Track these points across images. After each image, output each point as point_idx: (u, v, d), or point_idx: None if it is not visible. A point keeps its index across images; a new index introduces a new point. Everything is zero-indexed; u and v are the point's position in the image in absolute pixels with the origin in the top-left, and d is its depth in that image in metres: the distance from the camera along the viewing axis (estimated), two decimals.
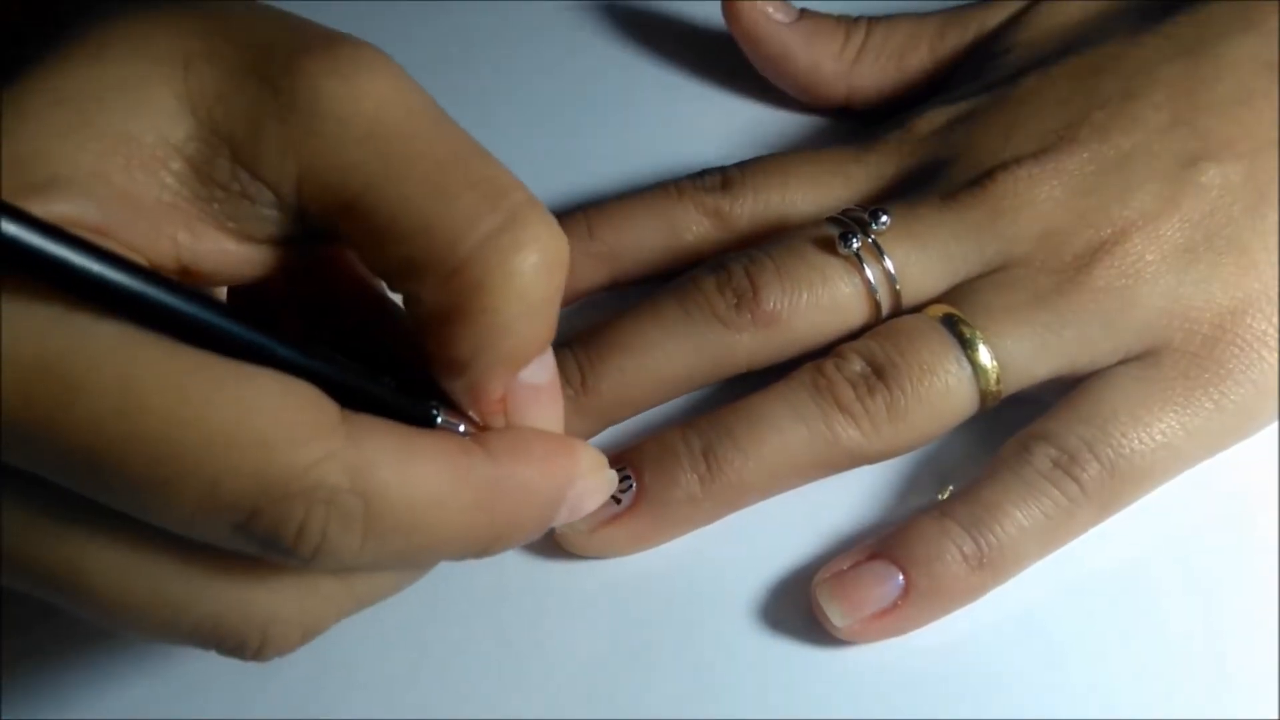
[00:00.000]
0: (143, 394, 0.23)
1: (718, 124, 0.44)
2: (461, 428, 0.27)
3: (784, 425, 0.34)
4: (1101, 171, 0.37)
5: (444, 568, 0.34)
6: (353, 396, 0.25)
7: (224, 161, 0.25)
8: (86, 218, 0.24)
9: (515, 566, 0.35)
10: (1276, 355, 0.35)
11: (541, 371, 0.27)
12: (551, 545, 0.35)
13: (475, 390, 0.27)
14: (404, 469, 0.25)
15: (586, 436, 0.36)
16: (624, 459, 0.35)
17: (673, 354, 0.36)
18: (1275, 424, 0.37)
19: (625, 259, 0.39)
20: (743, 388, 0.36)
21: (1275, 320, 0.35)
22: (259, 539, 0.24)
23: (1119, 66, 0.38)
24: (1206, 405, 0.35)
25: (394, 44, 0.30)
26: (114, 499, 0.24)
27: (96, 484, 0.23)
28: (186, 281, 0.25)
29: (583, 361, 0.36)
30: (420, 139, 0.25)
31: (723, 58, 0.45)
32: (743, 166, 0.40)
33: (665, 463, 0.34)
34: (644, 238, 0.39)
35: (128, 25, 0.25)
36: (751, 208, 0.39)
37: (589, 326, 0.37)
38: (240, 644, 0.26)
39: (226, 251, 0.26)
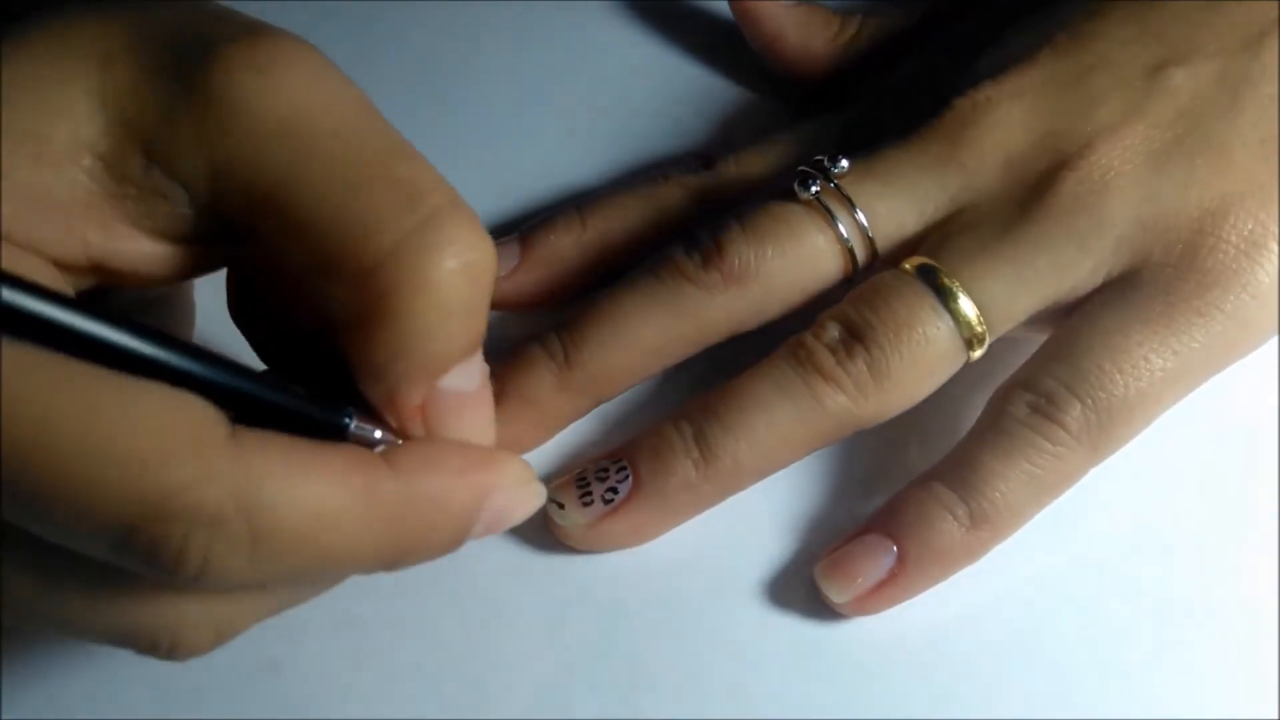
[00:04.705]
0: (13, 404, 0.22)
1: (709, 113, 0.44)
2: (378, 434, 0.26)
3: (770, 402, 0.34)
4: (1062, 89, 0.35)
5: (448, 564, 0.35)
6: (255, 407, 0.25)
7: (137, 158, 0.25)
8: None
9: (515, 562, 0.35)
10: (1275, 255, 0.34)
11: (466, 379, 0.27)
12: (551, 539, 0.35)
13: (391, 397, 0.26)
14: (293, 486, 0.24)
15: (577, 414, 0.36)
16: (619, 453, 0.35)
17: (649, 319, 0.35)
18: (1276, 411, 0.36)
19: (618, 247, 0.39)
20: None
21: (1273, 216, 0.34)
22: (139, 558, 0.23)
23: None
24: (1193, 319, 0.33)
25: (391, 43, 0.29)
26: None
27: None
28: (102, 281, 0.26)
29: (564, 338, 0.35)
30: (338, 135, 0.25)
31: (717, 50, 0.46)
32: (726, 149, 0.40)
33: (660, 452, 0.34)
34: (634, 225, 0.39)
35: (51, 27, 0.25)
36: (737, 185, 0.39)
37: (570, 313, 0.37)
38: (152, 645, 0.26)
39: (142, 250, 0.26)
